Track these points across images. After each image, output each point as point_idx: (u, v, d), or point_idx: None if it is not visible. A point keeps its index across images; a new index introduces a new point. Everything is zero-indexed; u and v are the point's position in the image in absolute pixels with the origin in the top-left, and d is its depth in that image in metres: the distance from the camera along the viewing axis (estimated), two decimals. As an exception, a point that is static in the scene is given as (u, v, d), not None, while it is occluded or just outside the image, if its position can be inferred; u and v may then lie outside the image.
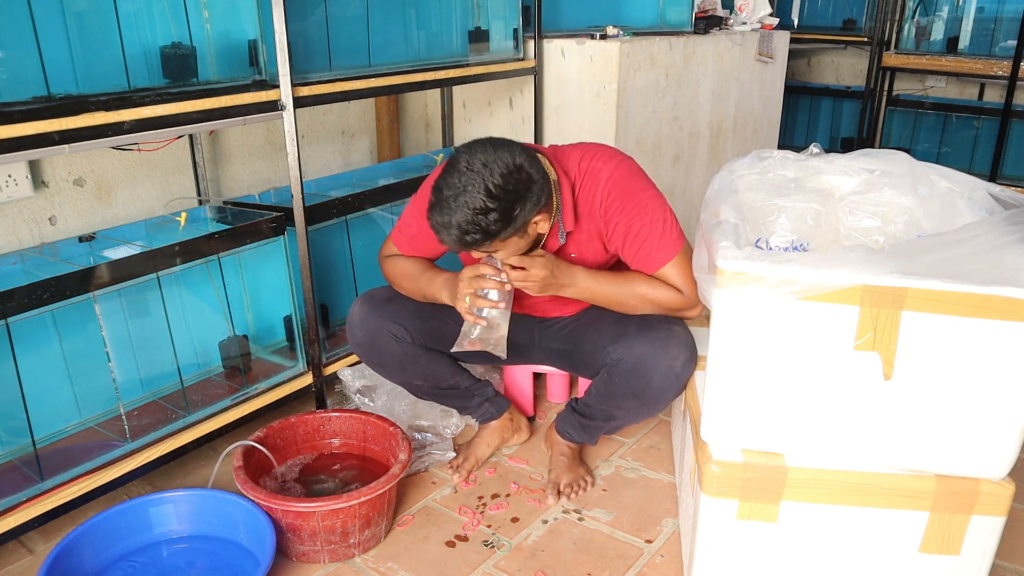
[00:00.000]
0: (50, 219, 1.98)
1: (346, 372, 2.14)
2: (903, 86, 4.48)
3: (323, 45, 1.97)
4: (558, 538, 1.71)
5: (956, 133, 4.19)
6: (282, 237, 1.97)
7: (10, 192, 1.87)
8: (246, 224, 1.89)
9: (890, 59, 4.22)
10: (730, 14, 3.17)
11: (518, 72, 2.56)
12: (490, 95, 2.79)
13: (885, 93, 4.42)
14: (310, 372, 2.06)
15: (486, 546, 1.69)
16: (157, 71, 1.68)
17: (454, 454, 1.96)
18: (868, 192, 1.67)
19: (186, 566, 1.58)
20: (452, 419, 2.03)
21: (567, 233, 1.65)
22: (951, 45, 4.08)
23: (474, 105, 2.85)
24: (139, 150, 2.06)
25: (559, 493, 1.83)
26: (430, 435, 2.00)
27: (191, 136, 2.19)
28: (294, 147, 1.87)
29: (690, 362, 1.63)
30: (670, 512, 1.80)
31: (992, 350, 1.24)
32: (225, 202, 2.20)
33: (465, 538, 1.71)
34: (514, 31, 2.50)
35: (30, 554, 1.67)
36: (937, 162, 1.80)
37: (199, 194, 2.26)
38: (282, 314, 2.12)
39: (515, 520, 1.76)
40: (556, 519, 1.77)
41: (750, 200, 1.67)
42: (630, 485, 1.89)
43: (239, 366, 2.02)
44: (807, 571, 1.45)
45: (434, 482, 1.90)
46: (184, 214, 2.01)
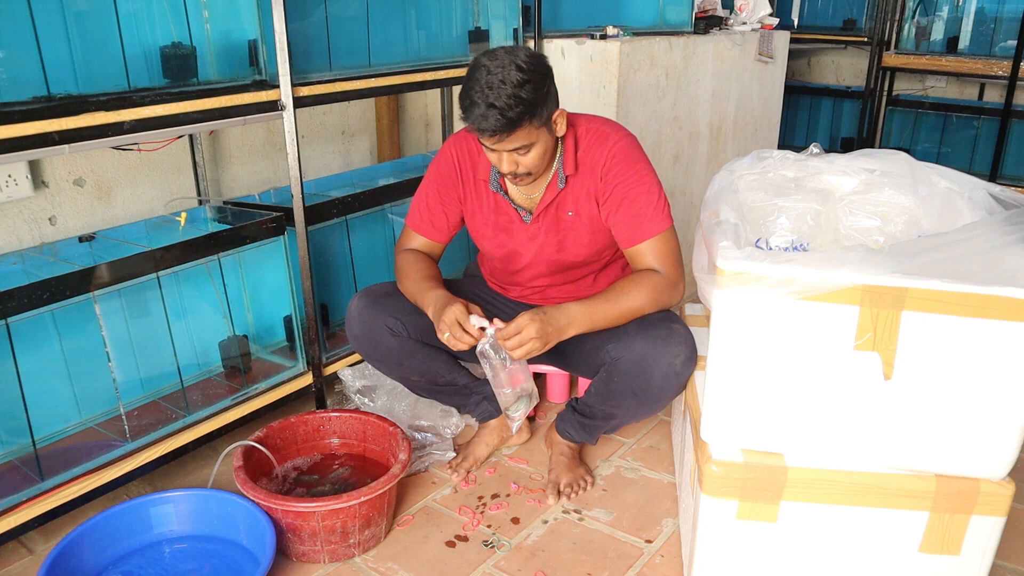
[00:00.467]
0: (50, 219, 1.98)
1: (346, 372, 2.14)
2: (903, 86, 4.48)
3: (323, 45, 1.97)
4: (558, 538, 1.71)
5: (956, 133, 4.19)
6: (282, 237, 1.97)
7: (10, 192, 1.87)
8: (246, 224, 1.89)
9: (890, 59, 4.22)
10: (730, 14, 3.16)
11: (518, 72, 2.54)
12: (490, 95, 2.78)
13: (885, 93, 4.42)
14: (310, 372, 2.06)
15: (486, 546, 1.69)
16: (157, 71, 1.68)
17: (454, 454, 1.96)
18: (868, 192, 1.67)
19: (186, 566, 1.58)
20: (452, 419, 2.03)
21: (566, 177, 1.69)
22: (951, 45, 4.08)
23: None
24: (139, 150, 2.06)
25: (559, 493, 1.83)
26: (430, 435, 2.00)
27: (191, 136, 2.19)
28: (294, 147, 1.87)
29: (690, 360, 1.63)
30: (670, 512, 1.80)
31: (992, 350, 1.24)
32: (225, 202, 2.20)
33: (465, 538, 1.71)
34: (514, 31, 2.50)
35: (30, 554, 1.67)
36: (937, 162, 1.80)
37: (199, 194, 2.26)
38: (282, 314, 2.12)
39: (515, 520, 1.76)
40: (556, 519, 1.77)
41: (750, 200, 1.67)
42: (630, 485, 1.89)
43: (239, 366, 2.02)
44: (807, 571, 1.45)
45: (434, 482, 1.90)
46: (184, 214, 2.01)
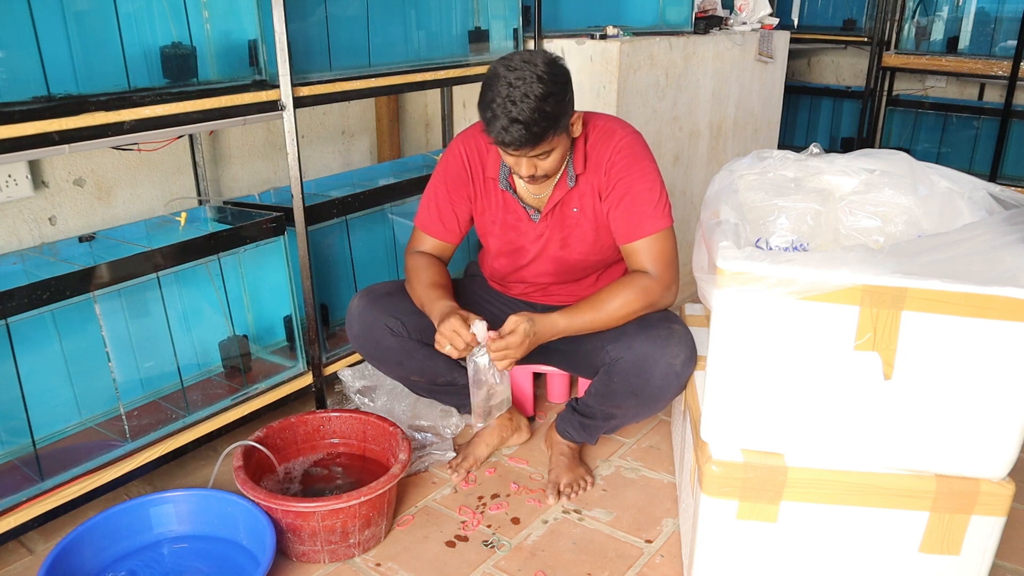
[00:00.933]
0: (50, 219, 1.98)
1: (346, 372, 2.14)
2: (903, 86, 4.48)
3: (323, 45, 1.97)
4: (558, 538, 1.71)
5: (956, 133, 4.19)
6: (282, 237, 1.97)
7: (10, 192, 1.87)
8: (246, 224, 1.89)
9: (890, 59, 4.22)
10: (730, 14, 3.16)
11: (518, 72, 2.54)
12: (490, 95, 2.78)
13: (885, 93, 4.42)
14: (310, 372, 2.06)
15: (486, 546, 1.69)
16: (157, 71, 1.68)
17: (454, 454, 1.96)
18: (868, 192, 1.67)
19: (186, 566, 1.58)
20: (452, 419, 2.03)
21: (576, 176, 1.70)
22: (951, 45, 4.08)
23: (474, 105, 2.83)
24: (139, 150, 2.06)
25: (559, 493, 1.83)
26: (430, 435, 2.00)
27: (191, 136, 2.19)
28: (294, 147, 1.87)
29: (690, 361, 1.63)
30: (670, 512, 1.80)
31: (992, 350, 1.24)
32: (225, 202, 2.20)
33: (465, 538, 1.71)
34: (514, 31, 2.50)
35: (30, 554, 1.67)
36: (937, 162, 1.80)
37: (199, 194, 2.26)
38: (282, 314, 2.12)
39: (515, 520, 1.76)
40: (556, 519, 1.77)
41: (750, 200, 1.67)
42: (630, 485, 1.89)
43: (239, 366, 2.02)
44: (807, 571, 1.45)
45: (434, 482, 1.90)
46: (184, 214, 2.01)
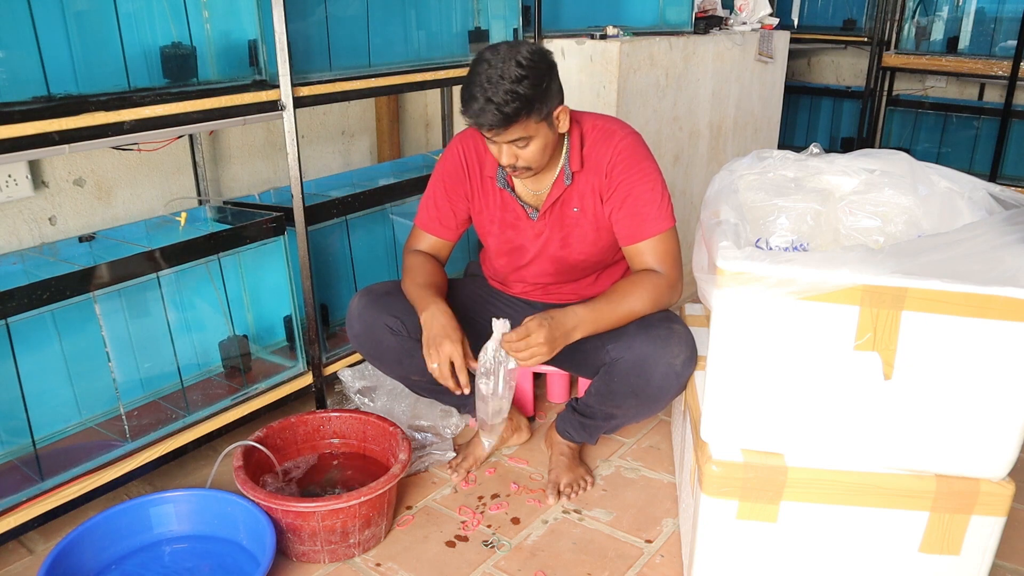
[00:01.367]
0: (50, 219, 1.98)
1: (346, 372, 2.14)
2: (903, 86, 4.48)
3: (323, 45, 1.97)
4: (558, 538, 1.71)
5: (956, 133, 4.19)
6: (282, 237, 1.97)
7: (10, 192, 1.87)
8: (246, 224, 1.89)
9: (890, 59, 4.22)
10: (730, 14, 3.17)
11: (518, 72, 2.54)
12: (490, 95, 2.78)
13: (885, 93, 4.42)
14: (310, 372, 2.06)
15: (486, 546, 1.69)
16: (157, 71, 1.68)
17: (454, 454, 1.96)
18: (868, 192, 1.67)
19: (186, 566, 1.58)
20: (452, 419, 2.03)
21: (572, 174, 1.70)
22: (951, 45, 4.08)
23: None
24: (139, 150, 2.06)
25: (559, 493, 1.83)
26: (430, 435, 2.00)
27: (191, 136, 2.19)
28: (294, 147, 1.87)
29: (690, 361, 1.63)
30: (670, 512, 1.80)
31: (992, 350, 1.24)
32: (225, 202, 2.20)
33: (465, 538, 1.71)
34: (514, 31, 2.50)
35: (30, 554, 1.67)
36: (937, 162, 1.80)
37: (199, 194, 2.26)
38: (282, 314, 2.12)
39: (515, 520, 1.76)
40: (556, 519, 1.77)
41: (750, 200, 1.67)
42: (630, 485, 1.89)
43: (239, 366, 2.02)
44: (807, 571, 1.45)
45: (434, 482, 1.90)
46: (184, 214, 2.01)
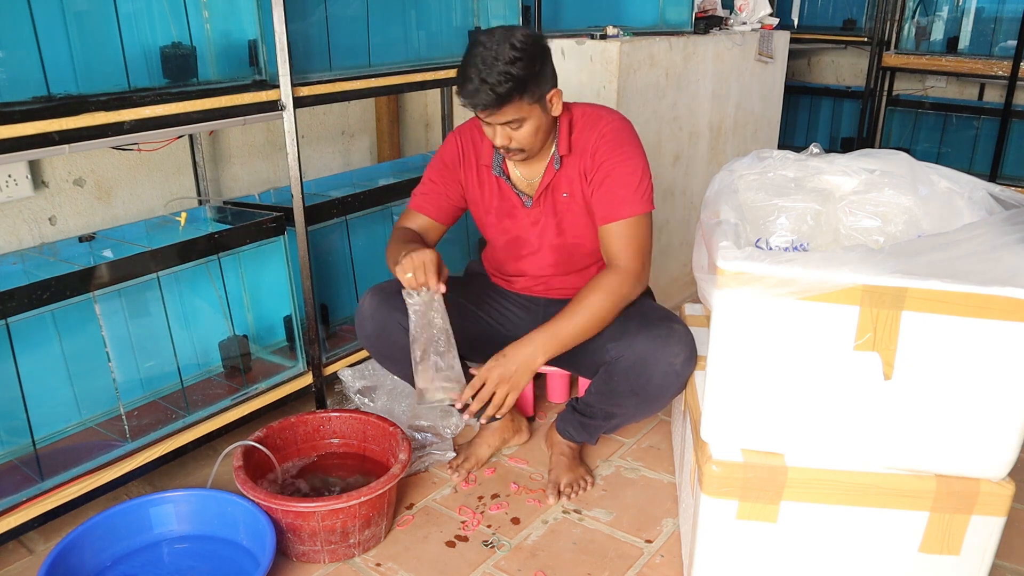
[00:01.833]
0: (50, 219, 1.98)
1: (346, 372, 2.14)
2: (903, 86, 4.48)
3: (323, 45, 1.97)
4: (558, 538, 1.71)
5: (956, 133, 4.19)
6: (282, 237, 1.97)
7: (10, 192, 1.87)
8: (246, 224, 1.89)
9: (890, 59, 4.22)
10: (730, 14, 3.16)
11: (518, 72, 2.54)
12: (490, 95, 2.78)
13: (885, 93, 4.42)
14: (310, 372, 2.06)
15: (486, 546, 1.69)
16: (157, 71, 1.68)
17: (454, 454, 1.96)
18: (868, 192, 1.67)
19: (186, 566, 1.58)
20: (452, 419, 2.03)
21: (561, 158, 1.73)
22: (951, 45, 4.08)
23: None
24: (139, 150, 2.06)
25: (559, 493, 1.83)
26: (430, 435, 2.00)
27: (191, 136, 2.19)
28: (294, 147, 1.87)
29: (690, 360, 1.63)
30: (670, 512, 1.80)
31: (992, 350, 1.24)
32: (225, 202, 2.20)
33: (465, 538, 1.71)
34: (514, 31, 2.50)
35: (30, 554, 1.67)
36: (937, 162, 1.80)
37: (199, 194, 2.26)
38: (282, 314, 2.12)
39: (515, 520, 1.76)
40: (556, 519, 1.77)
41: (750, 200, 1.67)
42: (630, 485, 1.89)
43: (239, 366, 2.02)
44: (807, 571, 1.45)
45: (434, 482, 1.90)
46: (184, 214, 2.01)
